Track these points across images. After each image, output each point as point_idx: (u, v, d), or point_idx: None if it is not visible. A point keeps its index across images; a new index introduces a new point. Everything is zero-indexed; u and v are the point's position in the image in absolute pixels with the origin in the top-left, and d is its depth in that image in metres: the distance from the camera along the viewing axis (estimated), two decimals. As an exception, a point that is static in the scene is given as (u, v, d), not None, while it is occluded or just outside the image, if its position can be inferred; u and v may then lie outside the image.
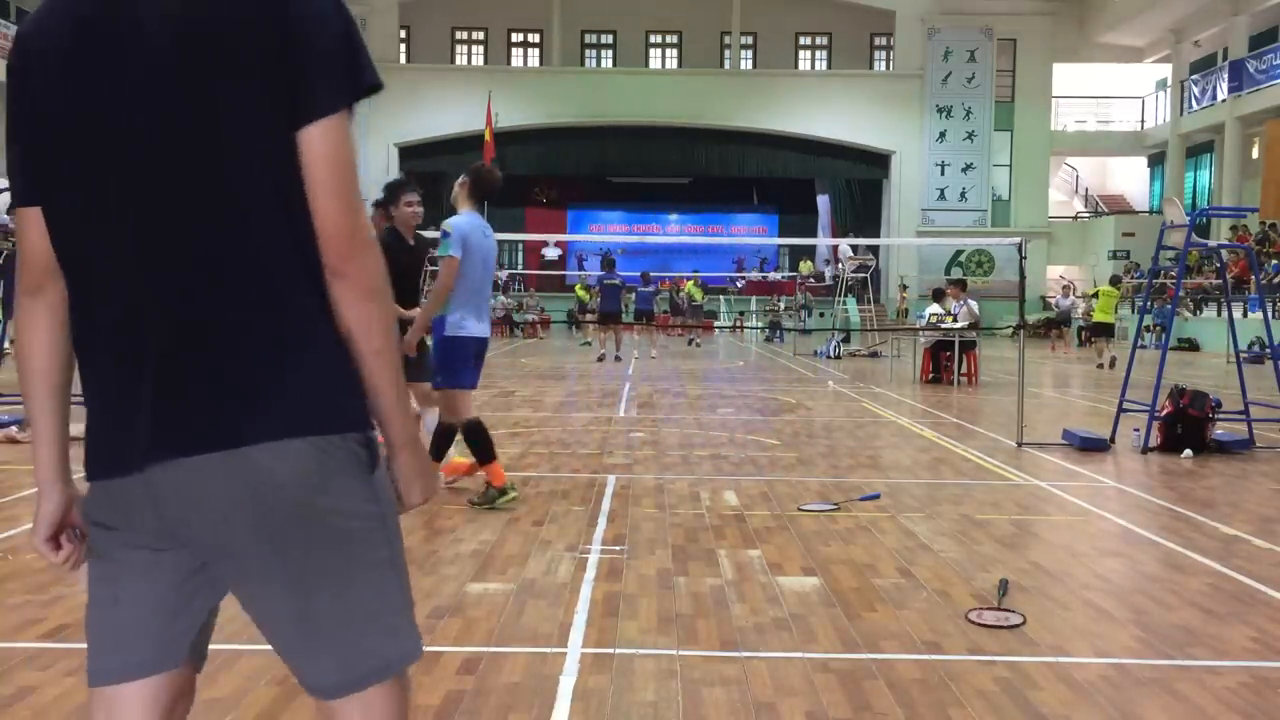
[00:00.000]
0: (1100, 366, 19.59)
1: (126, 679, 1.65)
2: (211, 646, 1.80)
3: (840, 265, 27.11)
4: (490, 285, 6.29)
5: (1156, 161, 38.71)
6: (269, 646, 1.66)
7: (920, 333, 16.83)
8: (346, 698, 1.59)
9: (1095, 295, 21.34)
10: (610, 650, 3.73)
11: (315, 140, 1.53)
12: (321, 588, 1.55)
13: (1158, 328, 25.55)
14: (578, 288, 31.11)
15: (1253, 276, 17.97)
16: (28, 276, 1.64)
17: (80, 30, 1.54)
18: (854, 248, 26.90)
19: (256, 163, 1.52)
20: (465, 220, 6.03)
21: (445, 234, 5.95)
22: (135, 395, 1.53)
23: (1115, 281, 24.36)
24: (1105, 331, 20.63)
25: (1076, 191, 41.91)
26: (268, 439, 1.50)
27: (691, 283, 30.13)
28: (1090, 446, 8.79)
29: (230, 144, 1.51)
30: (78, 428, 1.63)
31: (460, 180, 6.18)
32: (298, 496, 1.51)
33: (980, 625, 4.05)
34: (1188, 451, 8.61)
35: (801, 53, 39.12)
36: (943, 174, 36.34)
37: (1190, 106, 34.97)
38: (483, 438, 6.09)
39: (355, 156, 1.59)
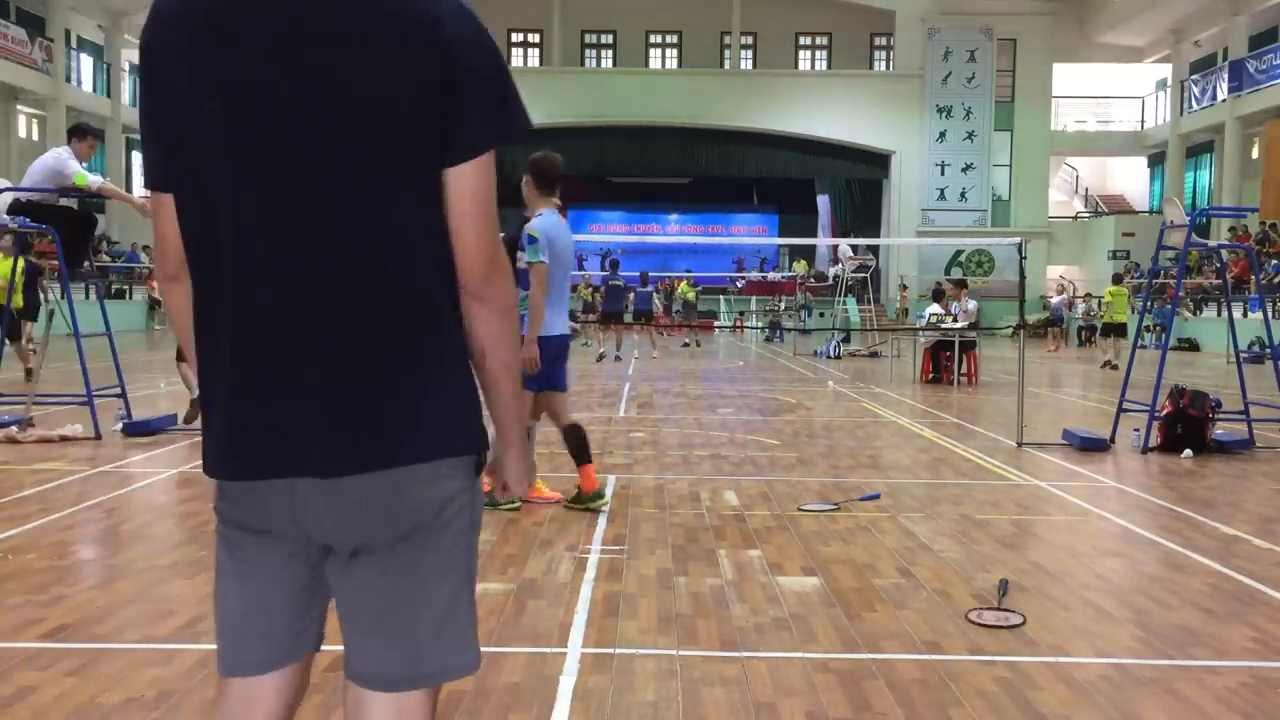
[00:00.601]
0: (1106, 366, 19.46)
1: (267, 670, 1.70)
2: (213, 646, 1.81)
3: (840, 265, 27.11)
4: (569, 281, 6.22)
5: (1156, 161, 38.71)
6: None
7: (920, 333, 16.83)
8: (391, 694, 1.64)
9: (1107, 299, 20.91)
10: (610, 650, 3.73)
11: (466, 177, 1.58)
12: (427, 586, 1.63)
13: (1158, 328, 25.55)
14: (581, 288, 31.10)
15: (1253, 276, 17.97)
16: (166, 264, 1.68)
17: (229, 30, 1.53)
18: (854, 248, 26.91)
19: (414, 189, 1.56)
20: (548, 221, 5.90)
21: (532, 239, 5.80)
22: (292, 403, 1.56)
23: (1118, 280, 24.09)
24: (1118, 332, 20.35)
25: (1076, 191, 41.91)
26: (421, 460, 1.59)
27: (685, 283, 30.09)
28: (1090, 446, 8.79)
29: (392, 169, 1.54)
30: (75, 428, 1.63)
31: (524, 179, 5.98)
32: (433, 509, 1.61)
33: (980, 625, 4.05)
34: (1188, 451, 8.61)
35: (801, 53, 39.12)
36: (943, 174, 36.34)
37: (1190, 106, 34.97)
38: (584, 440, 6.17)
39: (494, 190, 1.63)
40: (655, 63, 39.13)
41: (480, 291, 1.63)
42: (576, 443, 6.13)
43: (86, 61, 33.65)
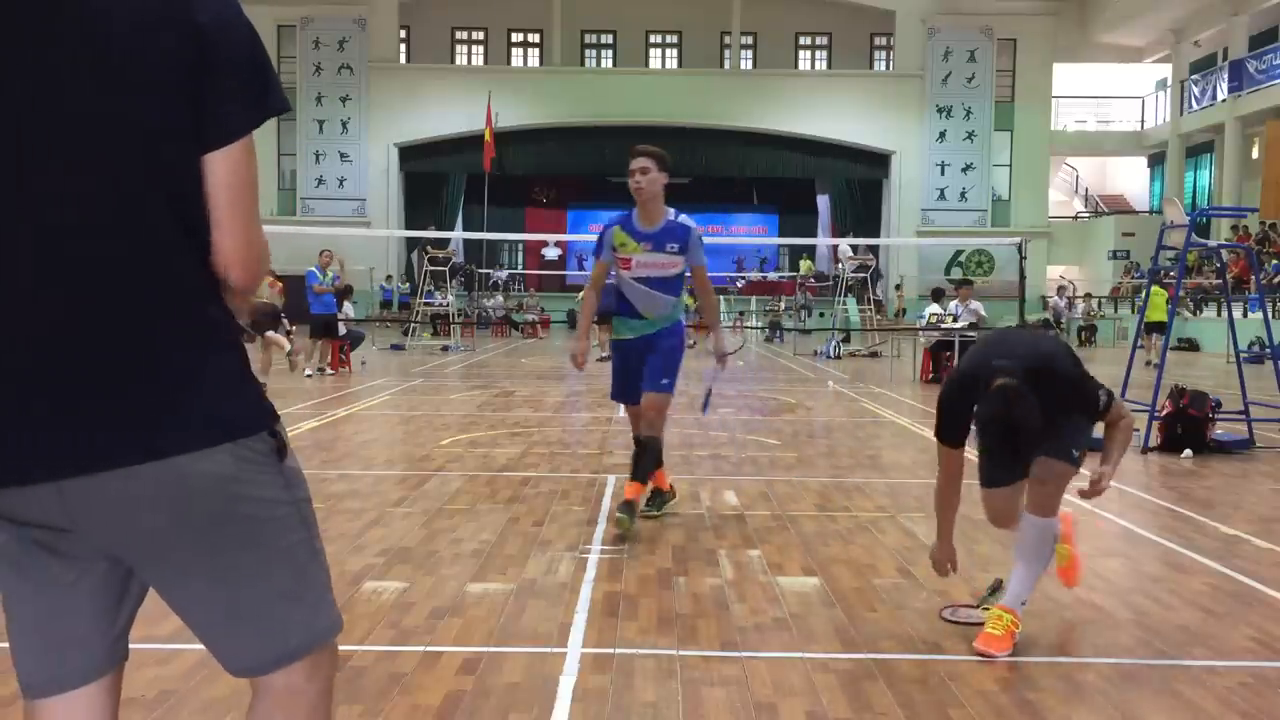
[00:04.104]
0: (1149, 364, 18.91)
1: (80, 685, 1.65)
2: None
3: (840, 265, 27.09)
4: None
5: (1156, 161, 38.71)
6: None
7: (920, 333, 16.82)
8: (277, 671, 1.66)
9: (1152, 298, 20.39)
10: (610, 650, 3.73)
11: (223, 163, 1.54)
12: (245, 577, 1.60)
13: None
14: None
15: (1253, 276, 17.96)
16: None
17: None
18: (854, 248, 26.90)
19: (164, 172, 1.51)
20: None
21: (701, 240, 5.64)
22: (42, 400, 1.47)
23: (1156, 279, 21.79)
24: (1158, 329, 20.05)
25: (1076, 191, 41.91)
26: (188, 451, 1.51)
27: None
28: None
29: (136, 151, 1.49)
30: None
31: (656, 173, 5.67)
32: (219, 499, 1.55)
33: (951, 622, 4.05)
34: (1188, 451, 8.61)
35: (801, 53, 39.11)
36: (943, 174, 36.33)
37: (1190, 106, 34.97)
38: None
39: (257, 175, 1.62)
40: (655, 63, 39.11)
41: (244, 285, 1.61)
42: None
43: None
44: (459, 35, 38.60)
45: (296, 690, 1.68)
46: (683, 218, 5.69)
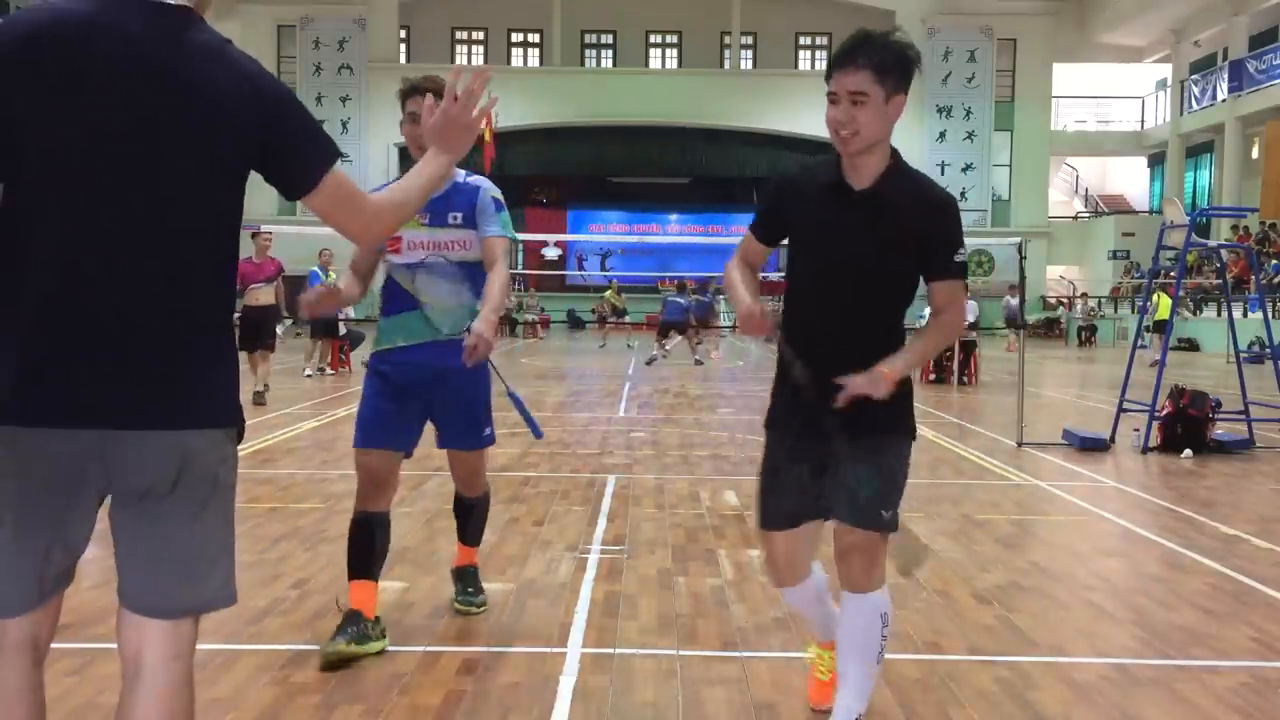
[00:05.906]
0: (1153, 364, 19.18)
1: (55, 592, 1.95)
2: (211, 646, 1.83)
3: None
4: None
5: (1156, 161, 38.71)
6: (269, 646, 1.68)
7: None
8: (169, 621, 1.95)
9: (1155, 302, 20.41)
10: (610, 650, 3.74)
11: (324, 197, 2.03)
12: (209, 529, 1.99)
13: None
14: (610, 293, 31.15)
15: (1253, 276, 17.96)
16: None
17: (75, 54, 1.81)
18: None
19: (233, 205, 1.99)
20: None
21: (501, 205, 4.00)
22: (107, 370, 1.86)
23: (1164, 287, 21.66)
24: (1161, 329, 20.14)
25: (1076, 191, 41.90)
26: (210, 427, 1.97)
27: (609, 291, 30.34)
28: (1090, 446, 8.79)
29: (187, 195, 1.91)
30: None
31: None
32: (214, 465, 1.99)
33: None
34: (1188, 451, 8.61)
35: (801, 53, 39.09)
36: (943, 174, 36.26)
37: (1190, 106, 34.97)
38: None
39: (354, 186, 2.08)
40: (655, 63, 39.10)
41: (367, 242, 2.33)
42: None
43: None
44: (459, 35, 38.59)
45: (183, 654, 1.96)
46: (475, 178, 4.00)
